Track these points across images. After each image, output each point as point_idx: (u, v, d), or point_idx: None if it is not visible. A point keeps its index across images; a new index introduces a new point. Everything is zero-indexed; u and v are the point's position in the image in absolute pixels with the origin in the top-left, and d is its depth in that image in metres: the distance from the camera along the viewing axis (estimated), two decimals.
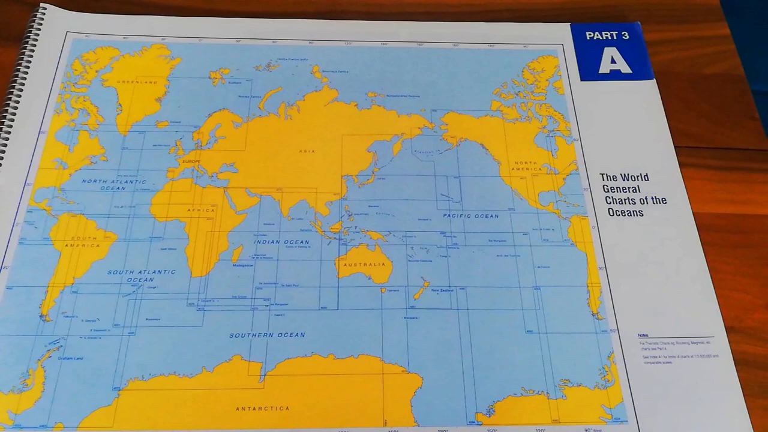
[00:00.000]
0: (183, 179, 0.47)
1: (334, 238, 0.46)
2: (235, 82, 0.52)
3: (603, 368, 0.42)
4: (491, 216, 0.48)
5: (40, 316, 0.42)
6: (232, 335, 0.42)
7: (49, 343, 0.41)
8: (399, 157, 0.50)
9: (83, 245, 0.44)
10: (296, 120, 0.51)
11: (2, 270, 0.43)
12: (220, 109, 0.51)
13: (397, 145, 0.50)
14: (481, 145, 0.51)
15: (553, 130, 0.52)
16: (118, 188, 0.47)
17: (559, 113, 0.53)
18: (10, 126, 0.48)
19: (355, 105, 0.52)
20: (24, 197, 0.46)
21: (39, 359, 0.40)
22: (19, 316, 0.41)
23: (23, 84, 0.50)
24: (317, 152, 0.50)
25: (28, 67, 0.50)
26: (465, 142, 0.51)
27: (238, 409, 0.40)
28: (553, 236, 0.47)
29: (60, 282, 0.43)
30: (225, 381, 0.40)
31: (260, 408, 0.40)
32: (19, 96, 0.49)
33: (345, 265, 0.45)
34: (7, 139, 0.47)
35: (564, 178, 0.50)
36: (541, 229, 0.47)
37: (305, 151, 0.50)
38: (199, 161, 0.48)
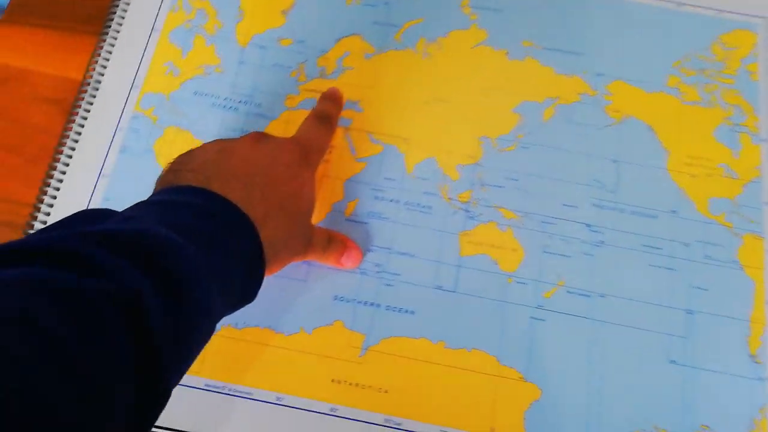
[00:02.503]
0: (301, 110, 0.41)
1: (461, 209, 0.40)
2: (371, 5, 0.45)
3: (752, 421, 0.36)
4: (648, 215, 0.40)
5: None
6: (336, 297, 0.37)
7: None
8: (549, 125, 0.42)
9: None
10: (435, 60, 0.44)
11: (100, 178, 0.39)
12: (351, 35, 0.44)
13: (549, 110, 0.43)
14: (649, 126, 0.42)
15: (738, 124, 0.43)
16: (231, 107, 0.42)
17: (749, 104, 0.43)
18: (122, 19, 0.43)
19: (505, 53, 0.44)
20: (130, 101, 0.41)
21: None
22: None
23: None
24: (454, 103, 0.42)
25: None
26: (630, 120, 0.42)
27: (333, 380, 0.36)
28: (719, 254, 0.39)
29: None
30: (323, 347, 0.36)
31: (357, 385, 0.36)
32: None
33: (469, 242, 0.39)
34: (117, 31, 0.42)
35: (743, 186, 0.41)
36: (705, 243, 0.39)
37: (441, 99, 0.42)
38: (321, 92, 0.42)
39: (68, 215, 0.26)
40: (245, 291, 0.30)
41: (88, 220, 0.26)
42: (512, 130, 0.42)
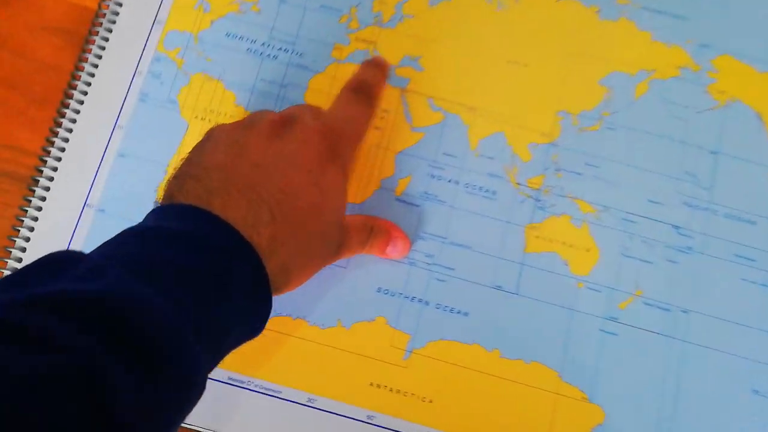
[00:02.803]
0: (351, 64, 0.35)
1: (530, 196, 0.34)
2: None
3: None
4: (746, 220, 0.34)
5: (155, 202, 0.33)
6: (379, 290, 0.33)
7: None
8: (640, 103, 0.36)
9: (217, 123, 0.34)
10: (512, 13, 0.37)
11: (115, 129, 0.34)
12: None
13: (642, 85, 0.36)
14: (758, 114, 0.36)
15: None
16: (269, 55, 0.35)
17: None
18: None
19: (596, 11, 0.37)
20: (151, 39, 0.35)
21: None
22: (129, 196, 0.33)
23: None
24: (531, 68, 0.36)
25: None
26: (736, 104, 0.36)
27: (371, 384, 0.32)
28: None
29: None
30: (363, 345, 0.32)
31: (398, 391, 0.32)
32: None
33: (537, 237, 0.34)
34: None
35: None
36: None
37: (516, 62, 0.36)
38: (375, 43, 0.36)
39: (23, 267, 0.21)
40: (246, 332, 0.26)
41: (45, 271, 0.21)
42: (597, 105, 0.35)
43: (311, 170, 0.27)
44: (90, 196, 0.33)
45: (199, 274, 0.23)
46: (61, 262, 0.21)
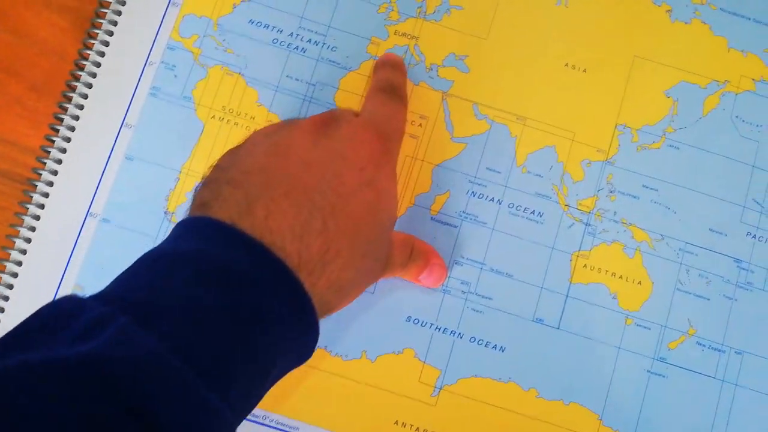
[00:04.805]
0: None
1: (580, 220, 0.31)
2: None
3: None
4: None
5: (165, 213, 0.30)
6: (409, 319, 0.30)
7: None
8: (709, 119, 0.32)
9: (236, 124, 0.31)
10: (573, 9, 0.32)
11: (122, 128, 0.30)
12: None
13: (712, 98, 0.32)
14: None
15: None
16: (297, 48, 0.31)
17: None
18: None
19: (667, 11, 0.33)
20: (165, 24, 0.31)
21: None
22: (136, 204, 0.30)
23: None
24: (590, 73, 0.32)
25: None
26: None
27: (397, 423, 0.29)
28: None
29: (197, 170, 0.30)
30: (388, 379, 0.29)
31: (426, 431, 0.29)
32: None
33: (585, 266, 0.31)
34: None
35: None
36: None
37: (574, 66, 0.32)
38: (417, 39, 0.32)
39: (24, 322, 0.19)
40: (294, 359, 0.23)
41: (45, 330, 0.18)
42: (662, 119, 0.32)
43: (364, 168, 0.24)
44: (93, 203, 0.29)
45: (225, 311, 0.20)
46: (60, 316, 0.19)
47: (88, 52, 0.30)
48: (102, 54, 0.30)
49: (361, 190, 0.24)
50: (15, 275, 0.28)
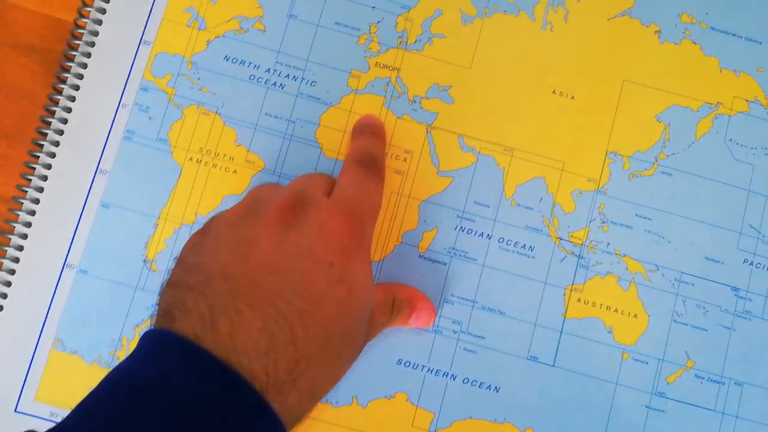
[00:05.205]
0: (370, 95, 0.30)
1: (572, 253, 0.30)
2: None
3: None
4: None
5: (144, 261, 0.29)
6: (400, 362, 0.29)
7: (153, 305, 0.29)
8: (702, 144, 0.31)
9: (214, 166, 0.30)
10: (559, 33, 0.31)
11: (97, 174, 0.29)
12: None
13: (704, 121, 0.31)
14: None
15: None
16: (275, 84, 0.30)
17: None
18: None
19: (656, 32, 0.32)
20: (137, 63, 0.30)
21: (137, 325, 0.29)
22: (114, 253, 0.29)
23: None
24: (579, 100, 0.31)
25: None
26: None
27: None
28: None
29: (176, 215, 0.29)
30: (381, 425, 0.29)
31: None
32: None
33: (579, 300, 0.30)
34: None
35: None
36: None
37: (561, 93, 0.31)
38: (399, 70, 0.31)
39: None
40: None
41: None
42: (653, 145, 0.31)
43: (334, 263, 0.23)
44: (70, 254, 0.28)
45: None
46: None
47: (58, 97, 0.29)
48: (72, 99, 0.29)
49: (331, 289, 0.22)
50: None
